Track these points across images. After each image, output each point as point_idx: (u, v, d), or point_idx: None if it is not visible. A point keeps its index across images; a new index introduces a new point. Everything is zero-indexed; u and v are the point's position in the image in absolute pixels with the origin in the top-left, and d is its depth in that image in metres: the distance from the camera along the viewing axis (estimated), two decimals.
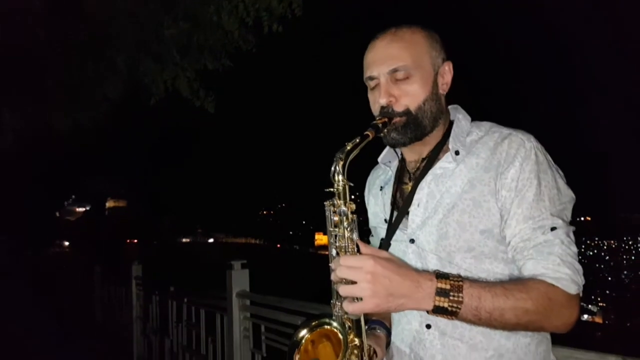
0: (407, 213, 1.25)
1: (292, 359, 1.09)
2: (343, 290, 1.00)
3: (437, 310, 1.01)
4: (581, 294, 1.07)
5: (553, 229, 1.08)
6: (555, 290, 1.03)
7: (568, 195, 1.14)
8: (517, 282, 1.06)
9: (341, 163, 1.09)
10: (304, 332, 1.11)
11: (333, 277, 1.05)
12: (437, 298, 0.99)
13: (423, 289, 1.00)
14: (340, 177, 1.09)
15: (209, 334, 4.10)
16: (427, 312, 1.03)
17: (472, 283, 1.02)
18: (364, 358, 1.12)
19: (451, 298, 0.99)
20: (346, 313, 1.09)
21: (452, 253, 1.16)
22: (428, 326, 1.20)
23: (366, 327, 1.16)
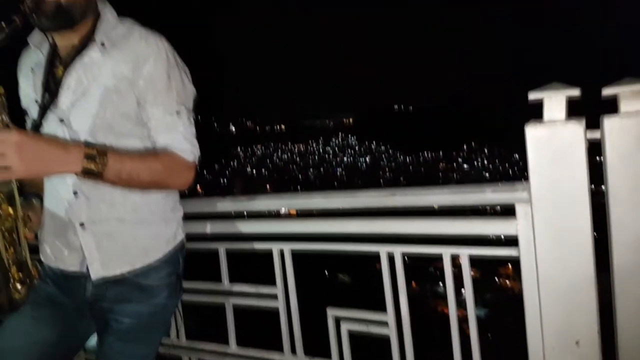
0: (57, 95, 1.35)
1: None
2: None
3: (86, 172, 1.18)
4: (197, 163, 1.40)
5: (178, 112, 1.37)
6: (178, 157, 1.36)
7: (190, 90, 1.43)
8: (150, 152, 1.36)
9: None
10: None
11: None
12: (85, 161, 1.17)
13: (72, 154, 1.16)
14: None
15: None
16: (77, 174, 1.19)
17: (114, 151, 1.25)
18: (19, 223, 1.31)
19: (97, 161, 1.18)
20: None
21: (96, 132, 1.33)
22: (75, 193, 1.35)
23: (22, 198, 1.35)
